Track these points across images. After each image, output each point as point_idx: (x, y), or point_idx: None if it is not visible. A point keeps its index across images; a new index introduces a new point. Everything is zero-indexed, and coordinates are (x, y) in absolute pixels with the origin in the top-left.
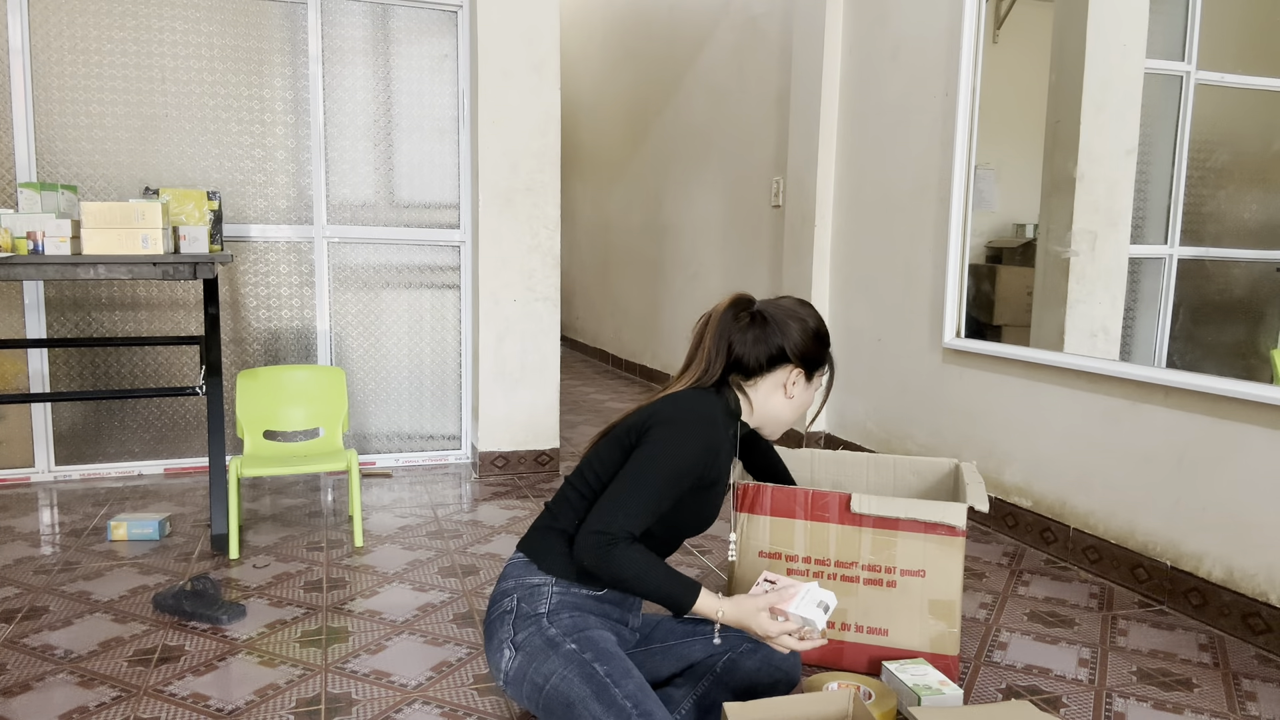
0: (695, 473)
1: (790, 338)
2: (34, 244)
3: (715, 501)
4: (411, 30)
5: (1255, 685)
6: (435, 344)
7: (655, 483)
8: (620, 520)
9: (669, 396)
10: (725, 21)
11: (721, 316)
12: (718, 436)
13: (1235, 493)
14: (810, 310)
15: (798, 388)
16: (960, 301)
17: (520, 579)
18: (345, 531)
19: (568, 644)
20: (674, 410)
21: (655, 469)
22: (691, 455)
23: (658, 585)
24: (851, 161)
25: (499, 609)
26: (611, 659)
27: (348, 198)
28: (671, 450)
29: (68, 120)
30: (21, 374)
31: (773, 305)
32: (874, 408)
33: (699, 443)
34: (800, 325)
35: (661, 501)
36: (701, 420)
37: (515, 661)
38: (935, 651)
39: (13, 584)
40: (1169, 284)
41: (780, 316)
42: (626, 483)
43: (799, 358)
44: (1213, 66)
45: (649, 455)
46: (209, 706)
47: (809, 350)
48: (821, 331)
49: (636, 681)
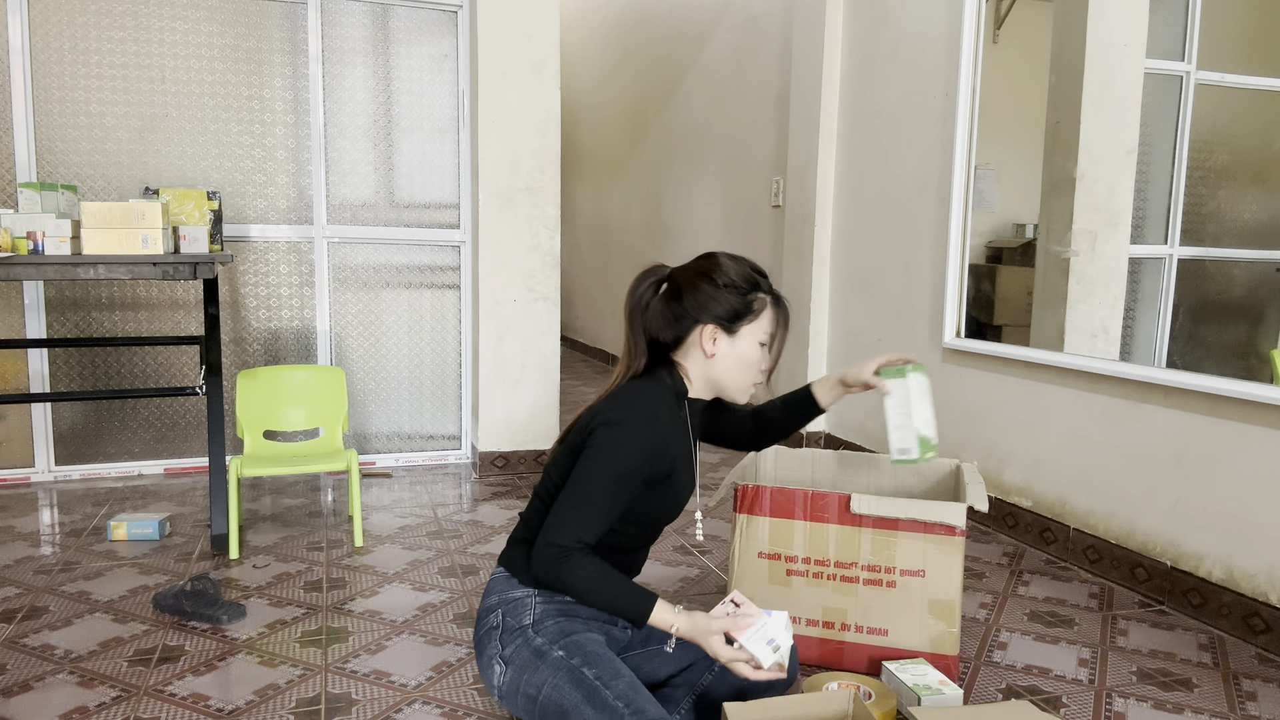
0: (641, 472)
1: (693, 297)
2: (34, 244)
3: (678, 491)
4: (411, 30)
5: (1255, 685)
6: (435, 344)
7: (600, 491)
8: (570, 532)
9: (610, 395)
10: (725, 21)
11: (631, 294)
12: (660, 430)
13: (1235, 493)
14: (724, 260)
15: (719, 345)
16: (960, 301)
17: (503, 594)
18: (345, 531)
19: (555, 651)
20: (613, 411)
21: (598, 477)
22: (632, 458)
23: (612, 598)
24: (851, 161)
25: (485, 625)
26: (599, 661)
27: (348, 198)
28: (612, 456)
29: (68, 120)
30: (21, 374)
31: (682, 268)
32: (874, 408)
33: (637, 444)
34: (706, 281)
35: (610, 508)
36: (639, 418)
37: (506, 676)
38: (935, 651)
39: (13, 584)
40: (1169, 284)
41: (686, 278)
42: (572, 493)
43: (710, 316)
44: (1213, 66)
45: (590, 464)
46: (209, 706)
47: (718, 304)
48: (735, 279)
49: (627, 680)
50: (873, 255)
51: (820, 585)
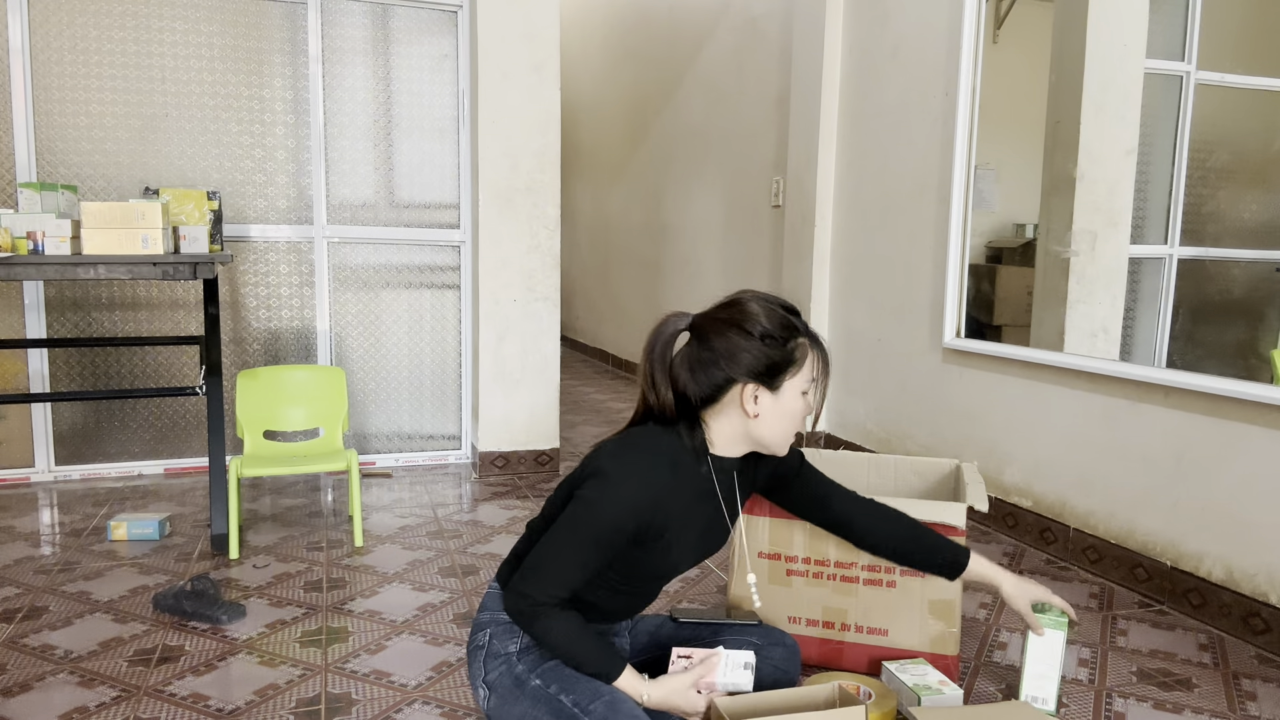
0: (627, 529)
1: (731, 355)
2: (34, 244)
3: (671, 553)
4: (411, 30)
5: (1255, 685)
6: (435, 344)
7: (577, 549)
8: (545, 585)
9: (621, 438)
10: (725, 22)
11: (653, 345)
12: (654, 488)
13: (1235, 493)
14: (755, 306)
15: (762, 404)
16: (960, 301)
17: (495, 612)
18: (345, 531)
19: (533, 680)
20: (612, 460)
21: (577, 534)
22: (618, 514)
23: (580, 658)
24: (851, 161)
25: (475, 642)
26: (577, 685)
27: (348, 198)
28: (598, 511)
29: (68, 120)
30: (21, 374)
31: (710, 318)
32: (874, 408)
33: (624, 502)
34: (741, 335)
35: (586, 566)
36: (632, 473)
37: (490, 702)
38: (935, 651)
39: (13, 584)
40: (1169, 284)
41: (716, 330)
42: (551, 545)
43: (748, 373)
44: (1213, 66)
45: (575, 515)
46: (209, 706)
47: (759, 362)
48: (771, 329)
49: (605, 700)
50: (873, 255)
51: (820, 585)
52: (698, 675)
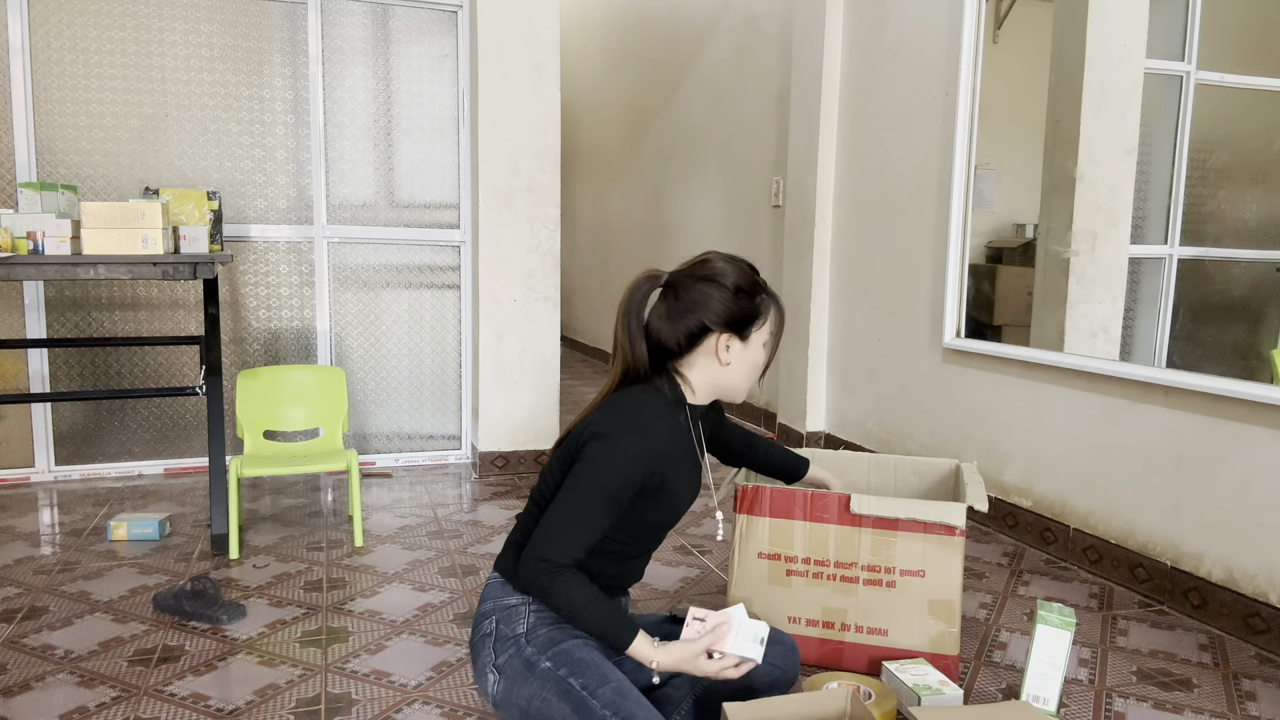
0: (632, 485)
1: (709, 306)
2: (34, 244)
3: (672, 501)
4: (411, 30)
5: (1255, 685)
6: (435, 344)
7: (588, 507)
8: (559, 547)
9: (607, 403)
10: (725, 21)
11: (629, 301)
12: (651, 441)
13: (1235, 493)
14: (728, 264)
15: (733, 352)
16: (960, 301)
17: (497, 600)
18: (345, 531)
19: (543, 663)
20: (608, 422)
21: (586, 492)
22: (622, 473)
23: (596, 622)
24: (851, 161)
25: (480, 632)
26: (586, 669)
27: (348, 198)
28: (601, 471)
29: (68, 120)
30: (21, 374)
31: (684, 272)
32: (874, 408)
33: (627, 457)
34: (717, 288)
35: (598, 523)
36: (629, 430)
37: (500, 685)
38: (935, 651)
39: (13, 584)
40: (1169, 284)
41: (693, 284)
42: (561, 507)
43: (724, 323)
44: (1213, 66)
45: (580, 478)
46: (209, 706)
47: (733, 311)
48: (742, 284)
49: (614, 685)
50: (873, 255)
51: (820, 585)
52: (709, 642)
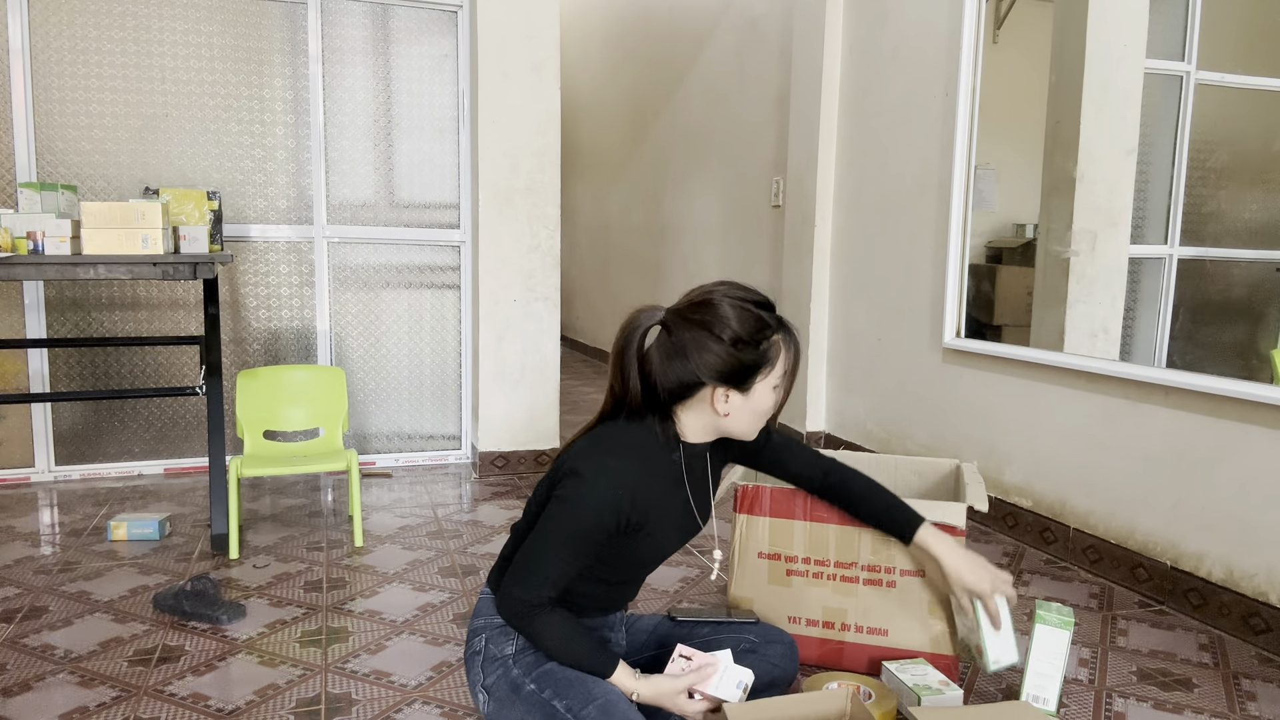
0: (605, 528)
1: (702, 359)
2: (34, 244)
3: (654, 542)
4: (411, 30)
5: (1255, 685)
6: (435, 344)
7: (558, 551)
8: (534, 586)
9: (590, 435)
10: (725, 22)
11: (624, 339)
12: (627, 483)
13: (1235, 493)
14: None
15: (732, 403)
16: (960, 301)
17: (489, 617)
18: (345, 531)
19: (528, 685)
20: (585, 459)
21: (558, 534)
22: (593, 514)
23: (574, 657)
24: (851, 161)
25: (471, 648)
26: (570, 689)
27: (348, 198)
28: (574, 513)
29: (68, 120)
30: (21, 374)
31: (682, 316)
32: (874, 408)
33: (597, 500)
34: (713, 340)
35: (570, 565)
36: (604, 471)
37: (489, 707)
38: (935, 651)
39: (13, 584)
40: (1169, 284)
41: (689, 335)
42: (534, 547)
43: (718, 377)
44: (1213, 66)
45: (553, 520)
46: (209, 706)
47: (729, 365)
48: (742, 334)
49: (599, 704)
50: (873, 255)
51: (820, 585)
52: (691, 681)
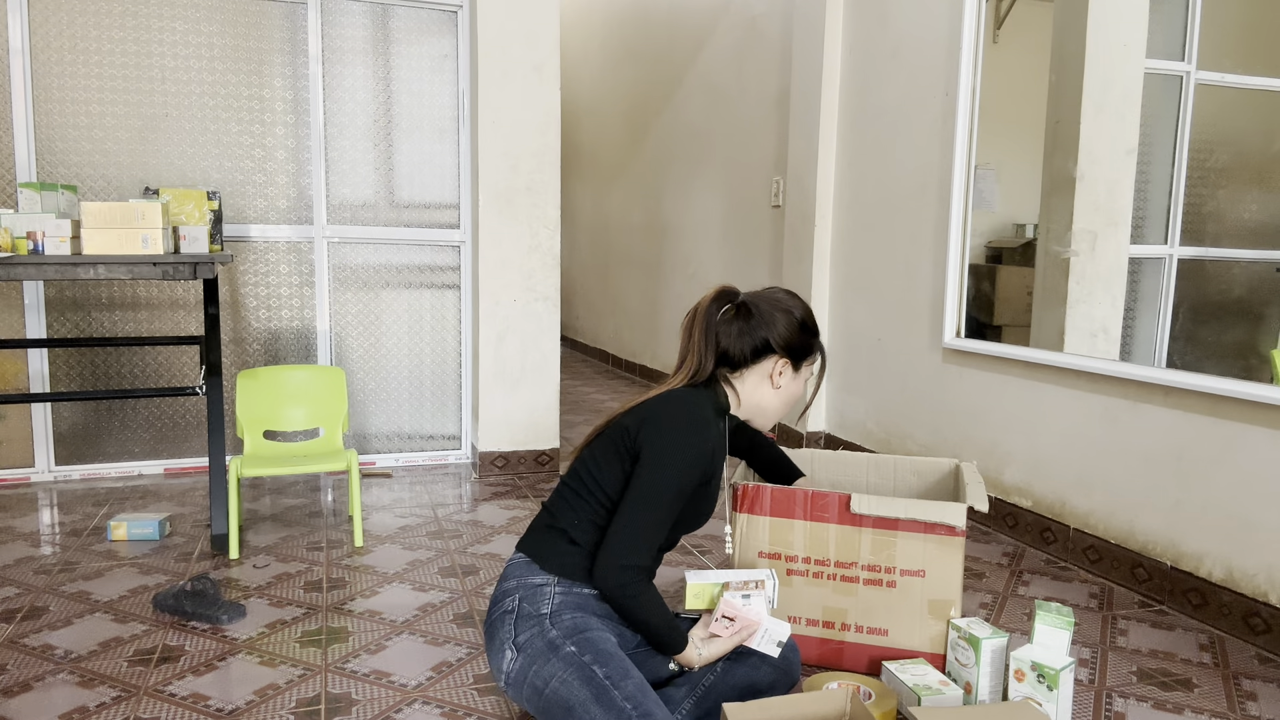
0: (695, 482)
1: (775, 328)
2: (34, 244)
3: (712, 497)
4: (411, 30)
5: (1255, 685)
6: (435, 344)
7: (665, 509)
8: (644, 552)
9: (661, 396)
10: (725, 21)
11: (707, 310)
12: (711, 437)
13: (1235, 493)
14: (796, 300)
15: (784, 378)
16: (960, 301)
17: (522, 579)
18: (345, 531)
19: (568, 646)
20: (668, 419)
21: (662, 494)
22: (692, 470)
23: (659, 630)
24: (851, 161)
25: (500, 609)
26: (610, 660)
27: (348, 198)
28: (674, 472)
29: (68, 120)
30: (21, 374)
31: (758, 296)
32: (874, 408)
33: (695, 453)
34: (786, 316)
35: (669, 522)
36: (695, 426)
37: (517, 663)
38: (935, 651)
39: (13, 584)
40: (1169, 284)
41: (765, 307)
42: (639, 511)
43: (784, 348)
44: (1213, 66)
45: (654, 481)
46: (209, 706)
47: (795, 340)
48: (809, 322)
49: (635, 682)
50: (873, 255)
51: (820, 585)
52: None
